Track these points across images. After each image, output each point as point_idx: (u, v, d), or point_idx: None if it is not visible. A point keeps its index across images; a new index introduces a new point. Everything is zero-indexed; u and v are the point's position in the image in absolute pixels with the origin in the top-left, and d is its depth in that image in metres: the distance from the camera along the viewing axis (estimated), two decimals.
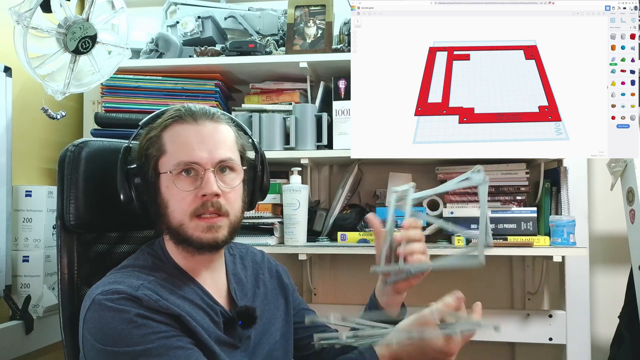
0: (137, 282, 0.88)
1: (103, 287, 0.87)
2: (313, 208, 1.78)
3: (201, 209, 0.91)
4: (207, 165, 0.91)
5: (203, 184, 0.90)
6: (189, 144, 0.92)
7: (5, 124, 1.55)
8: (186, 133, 0.93)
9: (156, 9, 1.98)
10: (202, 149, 0.92)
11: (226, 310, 0.97)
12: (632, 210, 1.41)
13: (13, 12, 1.25)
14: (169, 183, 0.92)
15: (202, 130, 0.94)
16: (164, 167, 0.93)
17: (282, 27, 1.86)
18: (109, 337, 0.82)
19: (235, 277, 1.05)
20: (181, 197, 0.91)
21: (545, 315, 1.77)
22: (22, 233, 1.59)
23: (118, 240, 1.10)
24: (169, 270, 0.95)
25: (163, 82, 1.78)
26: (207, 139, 0.93)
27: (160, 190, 0.93)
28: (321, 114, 1.71)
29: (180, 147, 0.92)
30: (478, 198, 0.94)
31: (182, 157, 0.91)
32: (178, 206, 0.91)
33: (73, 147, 1.02)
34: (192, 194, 0.91)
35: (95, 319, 0.84)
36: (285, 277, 1.16)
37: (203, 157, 0.92)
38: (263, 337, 1.02)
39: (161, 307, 0.85)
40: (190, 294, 0.93)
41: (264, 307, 1.06)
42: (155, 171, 0.94)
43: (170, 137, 0.94)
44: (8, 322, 1.52)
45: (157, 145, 0.94)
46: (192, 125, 0.94)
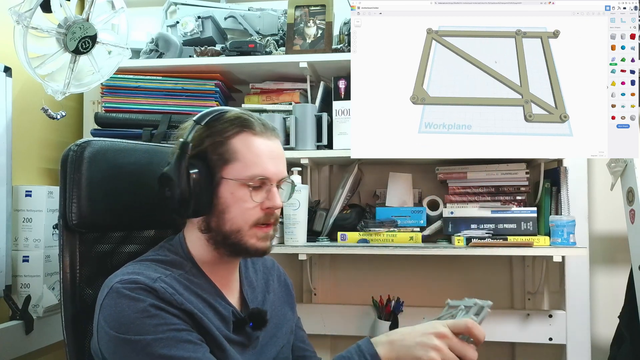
0: (155, 275, 0.89)
1: (122, 276, 0.89)
2: (313, 208, 1.78)
3: (263, 219, 0.95)
4: (274, 180, 0.96)
5: (271, 197, 0.95)
6: (263, 159, 0.95)
7: (5, 124, 1.55)
8: (261, 146, 0.96)
9: (156, 9, 1.98)
10: (272, 164, 0.96)
11: (238, 312, 0.99)
12: (632, 210, 1.41)
13: (13, 12, 1.25)
14: (235, 190, 0.93)
15: (272, 146, 0.98)
16: (233, 174, 0.94)
17: (282, 27, 1.86)
18: (122, 324, 0.84)
19: (248, 280, 1.08)
20: (246, 206, 0.94)
21: (545, 315, 1.77)
22: (22, 233, 1.59)
23: (121, 240, 1.10)
24: (186, 267, 0.97)
25: (163, 82, 1.78)
26: (276, 155, 0.98)
27: (220, 193, 0.94)
28: (321, 114, 1.71)
29: (255, 160, 0.94)
30: None
31: (257, 170, 0.94)
32: (240, 214, 0.94)
33: (76, 146, 1.02)
34: (257, 205, 0.94)
35: (111, 306, 0.86)
36: (291, 288, 1.20)
37: (273, 173, 0.96)
38: (270, 341, 1.05)
39: (176, 302, 0.87)
40: (205, 292, 0.95)
41: (272, 312, 1.08)
42: (219, 175, 0.94)
43: (243, 147, 0.95)
44: (8, 322, 1.52)
45: (225, 150, 0.94)
46: (263, 139, 0.97)
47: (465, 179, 1.68)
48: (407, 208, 1.71)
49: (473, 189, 1.67)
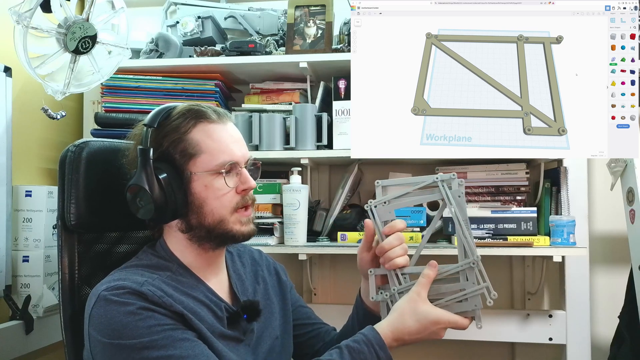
0: (142, 279, 0.89)
1: (107, 284, 0.88)
2: (313, 208, 1.78)
3: (242, 202, 0.96)
4: (242, 162, 0.97)
5: (243, 179, 0.96)
6: (227, 144, 0.96)
7: (5, 124, 1.55)
8: (221, 132, 0.96)
9: (156, 9, 1.98)
10: (237, 148, 0.97)
11: (230, 306, 0.99)
12: (632, 210, 1.41)
13: (13, 12, 1.25)
14: (208, 182, 0.94)
15: (230, 130, 0.98)
16: (202, 166, 0.94)
17: (282, 27, 1.86)
18: (114, 329, 0.83)
19: (236, 273, 1.07)
20: (222, 194, 0.94)
21: (545, 315, 1.77)
22: (22, 233, 1.59)
23: (118, 240, 1.10)
24: (173, 268, 0.96)
25: (163, 82, 1.78)
26: (237, 138, 0.99)
27: (193, 189, 0.94)
28: (321, 114, 1.71)
29: (220, 147, 0.95)
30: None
31: (224, 157, 0.94)
32: (219, 203, 0.94)
33: (74, 147, 1.02)
34: (232, 191, 0.95)
35: (100, 314, 0.85)
36: (283, 274, 1.18)
37: (240, 156, 0.96)
38: (265, 332, 1.04)
39: (165, 304, 0.86)
40: (195, 291, 0.95)
41: (264, 302, 1.07)
42: (187, 171, 0.94)
43: (205, 137, 0.95)
44: (8, 322, 1.52)
45: (186, 145, 0.94)
46: (220, 125, 0.97)
47: (465, 179, 1.68)
48: (407, 208, 1.71)
49: (473, 189, 1.67)
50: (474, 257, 0.94)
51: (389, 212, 1.00)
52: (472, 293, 0.94)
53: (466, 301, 0.94)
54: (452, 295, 0.94)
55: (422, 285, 0.93)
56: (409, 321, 0.90)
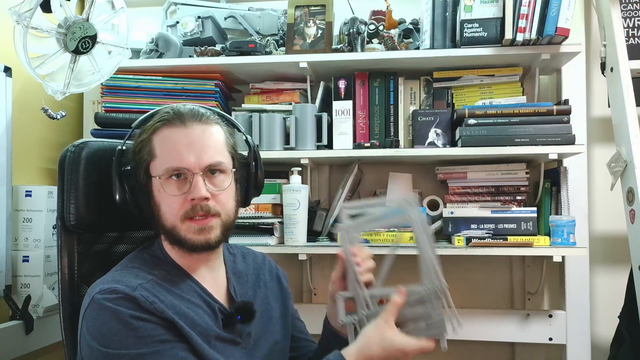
0: (136, 282, 0.89)
1: (102, 285, 0.88)
2: (313, 208, 1.78)
3: (191, 212, 0.93)
4: (195, 169, 0.93)
5: (192, 188, 0.92)
6: (177, 150, 0.93)
7: (5, 124, 1.55)
8: (175, 138, 0.94)
9: (156, 9, 1.98)
10: (190, 153, 0.93)
11: (224, 307, 0.98)
12: (632, 210, 1.41)
13: (13, 12, 1.25)
14: (159, 187, 0.94)
15: (191, 134, 0.94)
16: (155, 171, 0.95)
17: (282, 27, 1.86)
18: (105, 337, 0.84)
19: (236, 275, 1.06)
20: (171, 200, 0.93)
21: (545, 315, 1.77)
22: (22, 233, 1.59)
23: (117, 240, 1.10)
24: (167, 268, 0.96)
25: (163, 82, 1.78)
26: (196, 143, 0.94)
27: (152, 193, 0.95)
28: (321, 114, 1.71)
29: (168, 153, 0.94)
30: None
31: (170, 162, 0.93)
32: (169, 209, 0.93)
33: (73, 147, 1.02)
34: (182, 198, 0.93)
35: (93, 318, 0.86)
36: (284, 281, 1.17)
37: (191, 162, 0.93)
38: (263, 336, 1.03)
39: (157, 310, 0.86)
40: (189, 292, 0.94)
41: (265, 306, 1.06)
42: (147, 174, 0.95)
43: (159, 142, 0.95)
44: (8, 322, 1.52)
45: (148, 148, 0.95)
46: (180, 129, 0.95)
47: (465, 179, 1.68)
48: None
49: (473, 189, 1.67)
50: (442, 285, 0.93)
51: (356, 234, 1.04)
52: (438, 320, 0.93)
53: (432, 328, 0.93)
54: (418, 322, 0.93)
55: (390, 313, 0.91)
56: (375, 348, 0.89)
